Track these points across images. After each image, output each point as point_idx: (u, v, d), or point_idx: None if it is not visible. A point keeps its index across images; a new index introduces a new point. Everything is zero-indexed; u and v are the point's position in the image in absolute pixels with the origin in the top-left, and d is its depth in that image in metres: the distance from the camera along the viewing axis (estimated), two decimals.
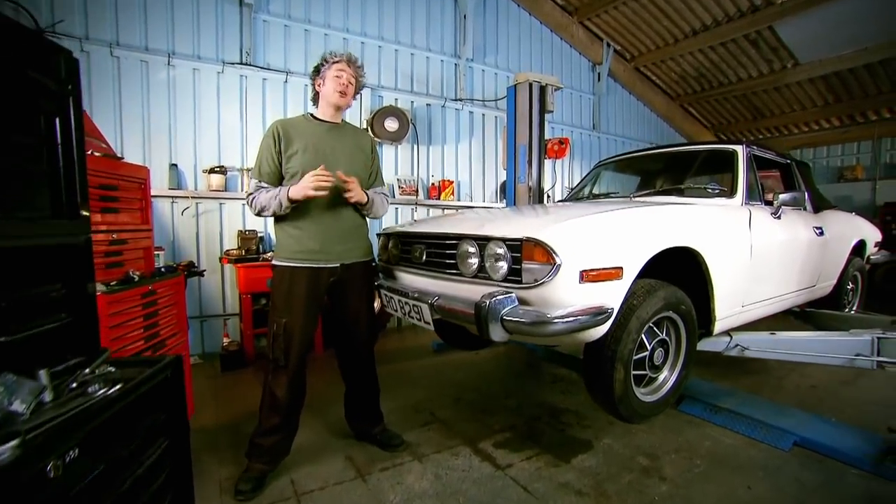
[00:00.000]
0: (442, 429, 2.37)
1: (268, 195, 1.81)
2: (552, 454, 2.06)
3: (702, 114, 7.87)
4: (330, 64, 1.91)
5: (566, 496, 1.75)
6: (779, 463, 1.95)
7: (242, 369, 3.40)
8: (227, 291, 3.90)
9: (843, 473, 1.87)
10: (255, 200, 1.83)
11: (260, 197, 1.83)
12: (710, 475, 1.86)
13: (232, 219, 3.87)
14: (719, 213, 2.23)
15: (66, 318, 1.04)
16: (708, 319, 2.04)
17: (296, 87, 4.10)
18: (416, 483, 1.87)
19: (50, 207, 1.03)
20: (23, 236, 0.95)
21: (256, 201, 1.83)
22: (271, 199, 1.80)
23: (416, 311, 1.90)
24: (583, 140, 6.43)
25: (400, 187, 4.79)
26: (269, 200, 1.80)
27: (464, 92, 5.13)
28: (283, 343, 1.83)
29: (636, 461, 1.97)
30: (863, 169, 7.05)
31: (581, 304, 1.49)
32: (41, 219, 1.01)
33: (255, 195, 1.83)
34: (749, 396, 2.51)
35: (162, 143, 3.56)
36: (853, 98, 6.37)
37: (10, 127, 0.92)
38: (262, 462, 1.86)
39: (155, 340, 1.90)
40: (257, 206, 1.83)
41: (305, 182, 1.73)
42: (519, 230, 1.64)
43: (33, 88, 0.98)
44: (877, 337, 1.78)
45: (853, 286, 3.50)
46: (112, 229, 1.82)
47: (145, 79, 3.49)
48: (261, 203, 1.82)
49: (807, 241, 2.70)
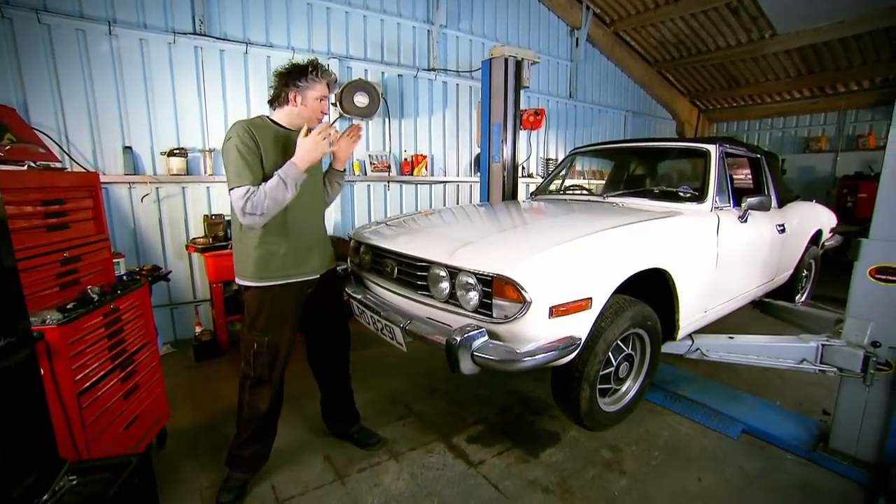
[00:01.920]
0: (417, 423, 2.46)
1: (269, 188, 1.58)
2: (522, 448, 2.19)
3: (679, 80, 7.81)
4: (314, 83, 1.71)
5: (534, 494, 1.87)
6: (728, 451, 2.13)
7: (217, 359, 3.38)
8: (197, 277, 3.80)
9: (781, 460, 2.07)
10: (256, 202, 1.56)
11: (261, 195, 1.57)
12: (666, 468, 2.02)
13: (197, 203, 3.69)
14: (688, 226, 2.24)
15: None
16: (672, 326, 2.13)
17: (258, 60, 3.81)
18: (392, 484, 1.95)
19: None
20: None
21: (258, 201, 1.56)
22: (276, 187, 1.57)
23: (388, 331, 1.90)
24: (559, 109, 6.32)
25: (372, 164, 4.64)
26: (276, 190, 1.57)
27: (437, 61, 4.89)
28: (268, 360, 1.80)
29: (600, 454, 2.11)
30: (827, 140, 7.25)
31: (550, 336, 1.53)
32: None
33: (250, 199, 1.57)
34: (706, 383, 2.69)
35: (112, 125, 3.29)
36: (825, 70, 6.43)
37: None
38: (242, 471, 1.90)
39: (121, 359, 1.85)
40: (263, 205, 1.57)
41: (311, 142, 1.59)
42: (490, 262, 1.61)
43: None
44: (821, 344, 1.91)
45: (807, 273, 3.70)
46: (63, 247, 1.71)
47: (84, 51, 3.16)
48: (269, 197, 1.56)
49: (769, 241, 2.79)
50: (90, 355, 1.66)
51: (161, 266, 3.33)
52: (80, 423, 1.55)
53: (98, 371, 1.70)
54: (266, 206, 1.59)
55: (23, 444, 0.87)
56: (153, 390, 2.09)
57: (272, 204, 1.60)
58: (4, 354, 0.80)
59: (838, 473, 1.95)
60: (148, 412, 2.03)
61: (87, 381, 1.63)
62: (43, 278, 1.61)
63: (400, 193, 4.91)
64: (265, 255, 1.74)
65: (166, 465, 2.08)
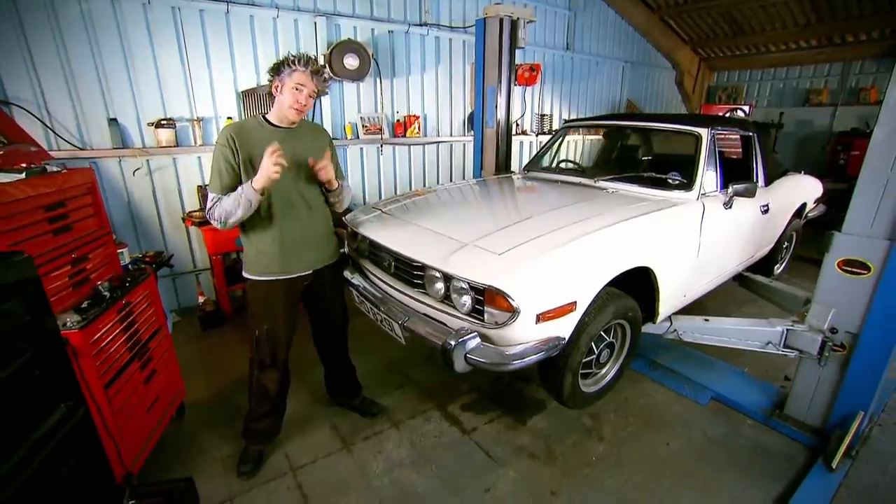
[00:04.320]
0: (415, 391, 2.67)
1: (229, 201, 1.70)
2: (511, 416, 2.41)
3: (682, 27, 7.45)
4: (291, 71, 1.71)
5: (521, 460, 2.11)
6: (696, 418, 2.37)
7: (222, 327, 3.54)
8: (196, 247, 3.86)
9: (741, 425, 2.32)
10: (217, 211, 1.71)
11: (222, 206, 1.71)
12: (640, 434, 2.26)
13: (189, 173, 3.66)
14: (673, 222, 2.30)
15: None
16: (652, 311, 2.28)
17: (240, 21, 3.60)
18: (394, 451, 2.18)
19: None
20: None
21: (219, 212, 1.71)
22: (236, 202, 1.68)
23: (387, 324, 2.03)
24: (555, 62, 6.08)
25: (364, 126, 4.55)
26: (234, 205, 1.69)
27: (429, 15, 4.63)
28: (269, 346, 1.95)
29: (581, 422, 2.34)
30: (828, 93, 7.11)
31: (537, 338, 1.67)
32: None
33: (215, 207, 1.72)
34: (683, 351, 2.89)
35: (93, 95, 3.18)
36: (834, 19, 6.17)
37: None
38: (257, 443, 2.11)
39: (138, 348, 1.97)
40: (222, 217, 1.71)
41: (264, 166, 1.65)
42: (482, 272, 1.69)
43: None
44: (786, 329, 2.08)
45: (788, 244, 3.83)
46: (70, 249, 1.77)
47: (52, 15, 2.95)
48: (225, 210, 1.70)
49: (752, 223, 2.85)
50: (110, 350, 1.78)
51: (162, 249, 3.41)
52: (110, 413, 1.70)
53: (119, 363, 1.83)
54: (223, 218, 1.72)
55: (89, 474, 1.03)
56: (169, 371, 2.25)
57: (226, 216, 1.71)
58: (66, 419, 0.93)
59: (789, 437, 2.20)
60: (166, 391, 2.20)
61: (111, 374, 1.76)
62: (57, 283, 1.68)
63: (393, 156, 4.87)
64: (257, 253, 1.87)
65: (187, 437, 2.29)
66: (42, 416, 0.89)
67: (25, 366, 0.83)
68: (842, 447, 1.91)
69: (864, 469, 1.98)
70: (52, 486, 0.92)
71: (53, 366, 0.97)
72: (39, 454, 0.82)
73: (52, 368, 0.95)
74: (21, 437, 0.79)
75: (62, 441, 0.91)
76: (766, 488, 1.93)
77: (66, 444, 0.94)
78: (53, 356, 0.99)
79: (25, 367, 0.83)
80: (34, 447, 0.81)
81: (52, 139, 3.06)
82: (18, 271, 0.88)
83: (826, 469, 1.93)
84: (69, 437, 0.95)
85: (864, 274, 1.85)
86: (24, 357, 0.82)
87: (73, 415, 0.98)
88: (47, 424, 0.87)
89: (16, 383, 0.78)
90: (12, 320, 0.85)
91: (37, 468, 0.81)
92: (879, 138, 1.77)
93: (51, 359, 0.96)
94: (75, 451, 1.00)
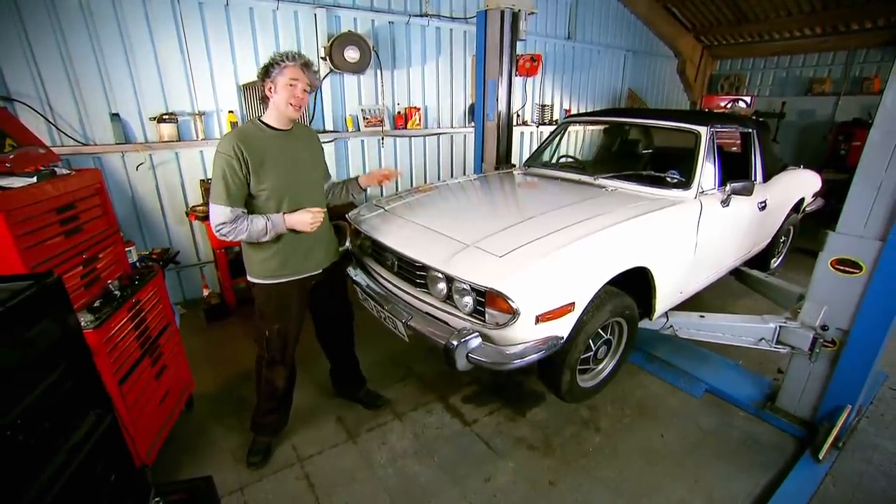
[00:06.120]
0: (417, 383, 2.74)
1: (257, 227, 1.73)
2: (511, 408, 2.49)
3: (685, 15, 7.36)
4: (281, 68, 1.70)
5: (520, 451, 2.19)
6: (690, 410, 2.45)
7: (227, 319, 3.61)
8: (199, 240, 3.90)
9: (733, 417, 2.39)
10: (239, 230, 1.70)
11: (248, 228, 1.71)
12: (635, 426, 2.33)
13: (192, 167, 3.68)
14: (671, 222, 2.33)
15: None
16: (649, 308, 2.33)
17: (240, 13, 3.58)
18: (398, 443, 2.26)
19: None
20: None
21: (241, 231, 1.71)
22: (263, 231, 1.74)
23: (390, 321, 2.08)
24: (556, 51, 6.03)
25: (365, 118, 4.54)
26: (261, 234, 1.74)
27: (429, 5, 4.59)
28: (279, 344, 2.00)
29: (579, 414, 2.42)
30: (831, 82, 7.06)
31: (537, 337, 1.72)
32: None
33: (237, 225, 1.70)
34: (680, 344, 2.94)
35: (95, 89, 3.18)
36: (840, 6, 6.09)
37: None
38: (265, 435, 2.19)
39: (148, 344, 2.03)
40: (239, 237, 1.72)
41: (305, 220, 1.79)
42: (483, 275, 1.73)
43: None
44: (779, 325, 2.13)
45: (785, 238, 3.86)
46: (81, 250, 1.81)
47: (52, 9, 2.95)
48: (253, 234, 1.73)
49: (749, 220, 2.87)
50: (123, 347, 1.84)
51: (167, 244, 3.45)
52: (124, 408, 1.76)
53: (131, 360, 1.89)
54: (242, 237, 1.74)
55: (118, 474, 1.10)
56: (178, 365, 2.31)
57: (247, 238, 1.75)
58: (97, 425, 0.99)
59: (779, 428, 2.28)
60: (176, 385, 2.26)
61: (124, 370, 1.82)
62: (70, 283, 1.72)
63: (394, 148, 4.87)
64: (266, 258, 1.87)
65: (197, 429, 2.36)
66: (75, 423, 0.95)
67: (60, 378, 0.88)
68: (829, 439, 1.98)
69: (850, 459, 2.06)
70: (87, 488, 0.99)
71: (83, 376, 1.03)
72: (75, 459, 0.89)
73: (82, 379, 1.01)
74: (59, 444, 0.86)
75: (94, 445, 0.98)
76: (755, 478, 2.01)
77: (98, 447, 1.01)
78: (83, 367, 1.04)
79: (60, 379, 0.88)
80: (71, 451, 0.87)
81: (56, 135, 3.07)
82: (51, 291, 0.92)
83: (813, 460, 2.01)
84: (100, 441, 1.01)
85: (855, 273, 1.90)
86: (58, 370, 0.87)
87: (102, 421, 1.04)
88: (81, 431, 0.93)
89: (54, 394, 0.84)
90: (48, 337, 0.90)
91: (74, 472, 0.88)
92: (875, 140, 1.80)
93: (81, 370, 1.01)
94: (105, 454, 1.06)
